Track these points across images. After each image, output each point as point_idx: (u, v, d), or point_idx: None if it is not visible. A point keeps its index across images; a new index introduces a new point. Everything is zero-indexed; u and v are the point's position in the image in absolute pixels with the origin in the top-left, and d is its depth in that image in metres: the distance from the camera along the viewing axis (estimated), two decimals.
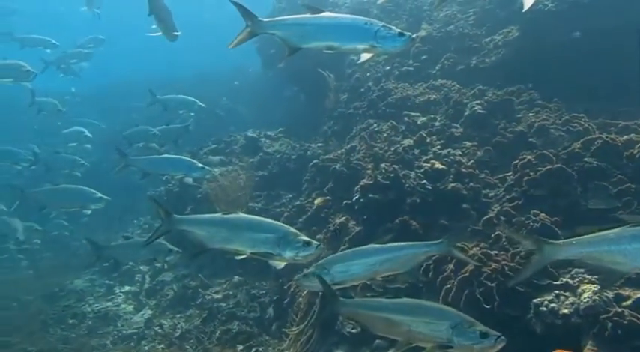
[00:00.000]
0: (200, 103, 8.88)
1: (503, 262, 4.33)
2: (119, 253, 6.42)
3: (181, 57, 24.14)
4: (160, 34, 6.31)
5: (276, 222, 3.69)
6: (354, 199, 5.98)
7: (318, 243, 3.49)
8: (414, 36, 3.83)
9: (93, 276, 9.73)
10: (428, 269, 4.88)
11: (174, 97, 8.98)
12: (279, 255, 3.46)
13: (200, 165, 7.02)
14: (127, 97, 17.74)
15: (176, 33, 6.25)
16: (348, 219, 6.11)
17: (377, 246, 3.95)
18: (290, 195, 8.33)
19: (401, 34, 3.72)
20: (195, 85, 15.83)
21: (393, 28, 3.75)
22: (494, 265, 4.35)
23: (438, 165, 5.69)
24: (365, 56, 4.06)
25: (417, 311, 3.35)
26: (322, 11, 3.81)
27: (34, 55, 11.25)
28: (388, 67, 8.34)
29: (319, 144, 8.56)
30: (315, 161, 7.60)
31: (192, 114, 9.41)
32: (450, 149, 5.97)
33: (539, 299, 3.97)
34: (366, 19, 3.77)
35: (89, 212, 7.11)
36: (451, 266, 4.71)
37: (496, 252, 4.54)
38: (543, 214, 4.58)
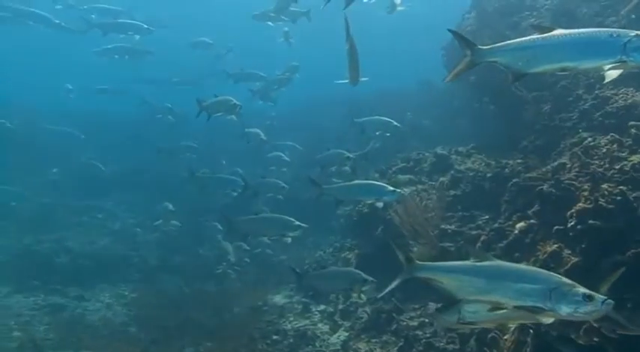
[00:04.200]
0: (395, 123, 8.91)
1: None
2: (317, 282, 6.62)
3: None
4: (346, 81, 6.58)
5: (544, 271, 3.24)
6: (570, 225, 5.24)
7: (603, 298, 2.91)
8: None
9: (291, 292, 10.27)
10: None
11: (371, 119, 9.23)
12: (551, 310, 2.98)
13: (391, 188, 7.01)
14: (319, 116, 18.84)
15: (361, 79, 6.45)
16: (561, 247, 5.38)
17: None
18: (486, 217, 7.73)
19: None
20: (377, 101, 16.10)
21: None
22: None
23: None
24: (611, 74, 3.46)
25: None
26: (552, 29, 3.38)
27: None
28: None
29: (518, 161, 7.79)
30: (515, 180, 6.94)
31: (387, 134, 9.46)
32: None
33: None
34: (611, 29, 3.23)
35: (289, 240, 7.55)
36: None
37: None
38: None
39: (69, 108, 19.76)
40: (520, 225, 6.37)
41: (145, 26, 12.37)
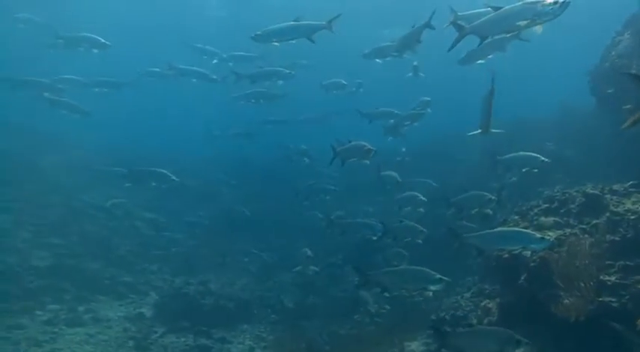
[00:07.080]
0: (543, 158, 8.26)
1: None
2: (462, 343, 6.16)
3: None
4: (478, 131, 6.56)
5: None
6: None
7: None
8: None
9: (428, 340, 9.78)
10: None
11: (516, 156, 8.63)
12: None
13: (539, 235, 6.51)
14: (451, 148, 18.27)
15: (491, 130, 6.32)
16: None
17: None
18: None
19: None
20: (514, 131, 15.08)
21: None
22: None
23: None
24: None
25: None
26: None
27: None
28: None
29: None
30: None
31: (535, 170, 8.77)
32: None
33: None
34: None
35: (430, 294, 7.21)
36: None
37: None
38: None
39: (215, 152, 21.52)
40: None
41: (287, 71, 13.04)
